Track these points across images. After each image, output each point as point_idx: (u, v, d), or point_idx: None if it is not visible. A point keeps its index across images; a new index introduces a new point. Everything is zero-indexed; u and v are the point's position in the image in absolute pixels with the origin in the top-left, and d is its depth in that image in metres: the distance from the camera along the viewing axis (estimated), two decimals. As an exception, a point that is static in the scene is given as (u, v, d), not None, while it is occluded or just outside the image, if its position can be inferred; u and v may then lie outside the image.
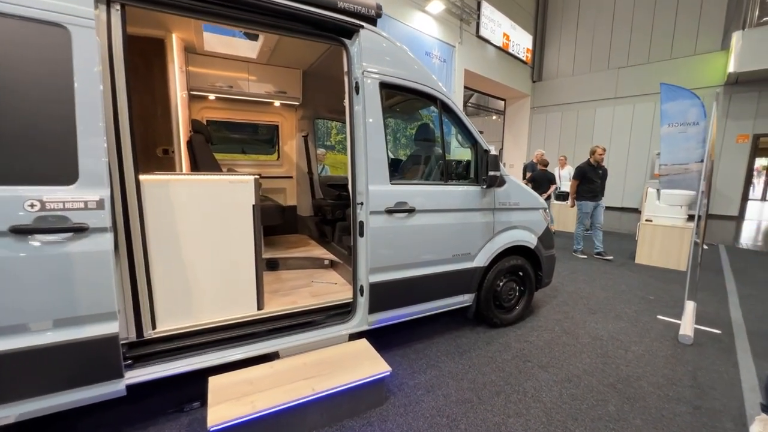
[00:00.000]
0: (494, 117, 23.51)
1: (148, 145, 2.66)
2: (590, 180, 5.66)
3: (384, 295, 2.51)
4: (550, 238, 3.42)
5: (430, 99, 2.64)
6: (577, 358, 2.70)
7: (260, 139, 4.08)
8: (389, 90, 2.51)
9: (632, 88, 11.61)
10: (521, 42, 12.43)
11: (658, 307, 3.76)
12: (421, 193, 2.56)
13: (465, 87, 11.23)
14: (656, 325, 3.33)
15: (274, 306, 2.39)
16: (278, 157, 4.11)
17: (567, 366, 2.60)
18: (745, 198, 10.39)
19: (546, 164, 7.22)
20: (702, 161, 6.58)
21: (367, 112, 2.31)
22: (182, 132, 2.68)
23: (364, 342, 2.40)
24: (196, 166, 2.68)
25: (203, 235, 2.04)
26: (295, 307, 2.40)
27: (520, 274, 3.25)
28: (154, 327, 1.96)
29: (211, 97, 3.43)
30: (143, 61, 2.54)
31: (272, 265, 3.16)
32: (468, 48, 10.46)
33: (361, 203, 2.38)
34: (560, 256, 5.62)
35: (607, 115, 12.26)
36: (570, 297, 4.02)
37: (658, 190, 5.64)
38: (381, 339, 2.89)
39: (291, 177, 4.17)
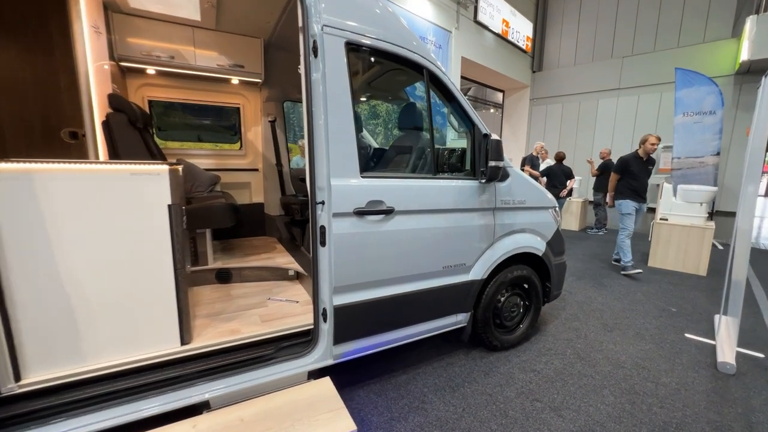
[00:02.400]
0: (492, 110, 22.94)
1: (47, 126, 2.07)
2: (633, 175, 4.52)
3: (354, 321, 1.95)
4: (561, 243, 2.87)
5: (415, 68, 2.05)
6: (597, 396, 2.16)
7: (219, 125, 3.48)
8: (359, 54, 1.93)
9: (637, 78, 11.04)
10: (521, 29, 11.82)
11: (683, 322, 3.23)
12: (401, 190, 1.99)
13: (462, 77, 10.62)
14: (685, 346, 2.80)
15: (208, 337, 1.82)
16: (241, 146, 3.51)
17: (586, 408, 2.05)
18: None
19: (562, 158, 6.66)
20: (718, 154, 6.07)
21: (329, 81, 1.74)
22: (98, 110, 2.09)
23: (326, 383, 1.84)
24: (115, 154, 2.10)
25: (94, 247, 1.46)
26: (235, 338, 1.83)
27: (526, 286, 2.70)
28: (17, 378, 1.39)
29: (150, 70, 2.81)
30: (36, 15, 1.93)
31: (223, 276, 2.59)
32: (465, 34, 9.84)
33: (322, 202, 1.81)
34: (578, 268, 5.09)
35: (610, 107, 11.70)
36: (580, 309, 3.48)
37: (673, 185, 5.10)
38: (353, 370, 2.33)
39: (257, 170, 3.57)
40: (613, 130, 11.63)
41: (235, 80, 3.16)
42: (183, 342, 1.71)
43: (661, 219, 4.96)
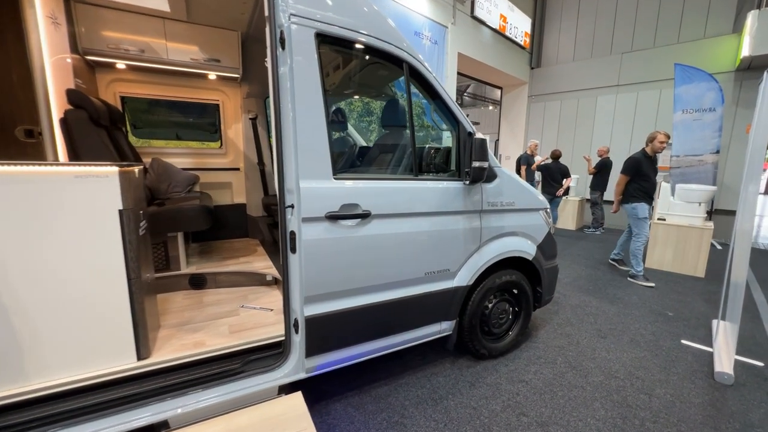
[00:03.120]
0: (491, 107, 22.77)
1: (-1, 123, 1.94)
2: (645, 176, 4.16)
3: (328, 332, 1.83)
4: (553, 246, 2.74)
5: (393, 61, 1.92)
6: (587, 410, 2.05)
7: (198, 123, 3.34)
8: (332, 46, 1.79)
9: (636, 74, 10.89)
10: (519, 25, 11.64)
11: (679, 327, 3.12)
12: (378, 192, 1.87)
13: (458, 73, 10.46)
14: (682, 353, 2.68)
15: (169, 351, 1.70)
16: (221, 144, 3.37)
17: (575, 423, 1.94)
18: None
19: (557, 156, 6.52)
20: (718, 152, 5.94)
21: (298, 75, 1.61)
22: (56, 107, 1.96)
23: (296, 399, 1.72)
24: (75, 154, 1.97)
25: (36, 257, 1.34)
26: (198, 352, 1.71)
27: (515, 292, 2.58)
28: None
29: (120, 65, 2.67)
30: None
31: (197, 282, 2.47)
32: (462, 29, 9.67)
33: (291, 206, 1.69)
34: (573, 272, 4.97)
35: (609, 104, 11.55)
36: (574, 313, 3.37)
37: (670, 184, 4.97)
38: (332, 380, 2.22)
39: (238, 169, 3.44)
40: (611, 128, 11.48)
41: (212, 75, 3.02)
42: (140, 357, 1.59)
43: (658, 219, 4.83)
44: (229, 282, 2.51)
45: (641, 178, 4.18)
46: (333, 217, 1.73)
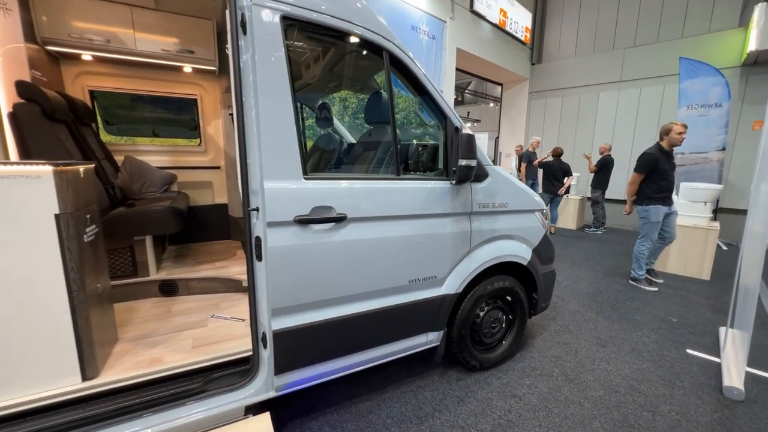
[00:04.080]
0: (491, 104, 22.53)
1: (-60, 118, 1.79)
2: (662, 174, 3.67)
3: (299, 347, 1.67)
4: (550, 250, 2.57)
5: (372, 49, 1.75)
6: (585, 429, 1.88)
7: (176, 119, 3.17)
8: (301, 32, 1.62)
9: (639, 70, 10.66)
10: (520, 20, 11.42)
11: (684, 335, 2.94)
12: (355, 194, 1.70)
13: (457, 69, 10.25)
14: (687, 365, 2.51)
15: (122, 369, 1.55)
16: (201, 141, 3.21)
17: (571, 445, 1.77)
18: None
19: (559, 154, 6.33)
20: (724, 149, 5.74)
21: (262, 64, 1.44)
22: (5, 100, 1.80)
23: (263, 421, 1.56)
24: (25, 152, 1.81)
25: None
26: (154, 370, 1.55)
27: (509, 298, 2.41)
28: None
29: (86, 56, 2.50)
30: None
31: (169, 289, 2.31)
32: (461, 24, 9.46)
33: (256, 209, 1.52)
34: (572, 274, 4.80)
35: (611, 100, 11.33)
36: (572, 319, 3.19)
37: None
38: (310, 395, 2.06)
39: (218, 167, 3.27)
40: (614, 125, 11.26)
41: (187, 68, 2.85)
42: (85, 377, 1.43)
43: (662, 219, 4.64)
44: (203, 288, 2.35)
45: (658, 176, 3.69)
46: (303, 221, 1.56)
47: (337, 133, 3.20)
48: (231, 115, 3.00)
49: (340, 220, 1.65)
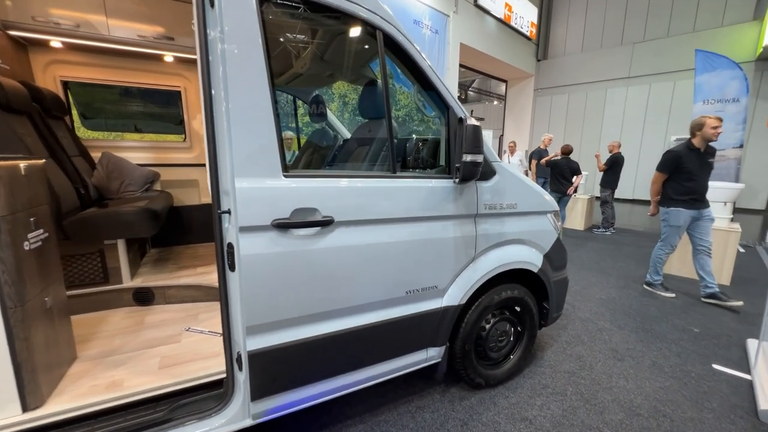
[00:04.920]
0: (495, 102, 22.23)
1: None
2: (687, 174, 3.32)
3: (280, 368, 1.46)
4: (562, 255, 2.35)
5: (364, 30, 1.53)
6: (605, 461, 1.66)
7: (159, 112, 2.96)
8: (279, 6, 1.40)
9: (649, 65, 10.38)
10: (525, 14, 11.16)
11: (708, 347, 2.70)
12: (344, 193, 1.48)
13: (461, 65, 10.01)
14: (715, 383, 2.28)
15: (74, 395, 1.34)
16: (186, 137, 3.00)
17: (591, 481, 1.55)
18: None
19: (568, 151, 6.07)
20: (741, 146, 5.47)
21: (231, 42, 1.23)
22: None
23: (237, 456, 1.35)
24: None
25: None
26: (111, 397, 1.35)
27: (517, 309, 2.19)
28: None
29: (55, 43, 2.30)
30: None
31: (144, 297, 2.11)
32: (464, 18, 9.22)
33: (228, 211, 1.31)
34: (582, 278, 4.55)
35: (619, 97, 11.05)
36: (584, 328, 2.96)
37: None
38: (290, 419, 1.84)
39: (205, 165, 3.06)
40: (622, 122, 10.98)
41: (168, 57, 2.65)
42: (26, 407, 1.23)
43: (677, 220, 4.38)
44: (181, 297, 2.15)
45: (682, 176, 3.37)
46: (282, 226, 1.35)
47: (333, 129, 2.99)
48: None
49: (326, 223, 1.43)
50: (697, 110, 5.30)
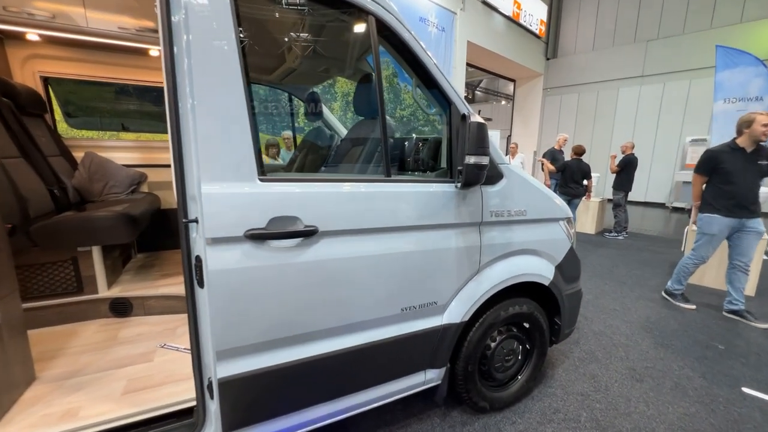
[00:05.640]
0: (503, 102, 21.92)
1: None
2: (725, 176, 3.01)
3: (257, 396, 1.30)
4: (575, 266, 2.15)
5: (352, 13, 1.36)
6: (626, 504, 1.46)
7: (147, 110, 2.82)
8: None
9: (663, 64, 10.04)
10: (534, 12, 10.88)
11: (735, 367, 2.48)
12: (329, 200, 1.31)
13: (467, 64, 9.80)
14: (747, 409, 2.06)
15: (22, 427, 1.19)
16: (174, 136, 2.85)
17: None
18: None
19: (580, 152, 5.81)
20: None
21: (198, 27, 1.07)
22: None
23: (205, 498, 1.19)
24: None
25: None
26: (64, 429, 1.19)
27: (526, 325, 2.00)
28: None
29: (32, 36, 2.17)
30: None
31: (121, 308, 1.96)
32: (472, 16, 9.01)
33: (196, 220, 1.15)
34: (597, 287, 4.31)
35: (631, 96, 10.73)
36: (598, 343, 2.75)
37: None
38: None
39: None
40: (634, 122, 10.65)
41: (153, 51, 2.50)
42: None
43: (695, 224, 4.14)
44: (161, 308, 2.00)
45: (719, 178, 3.04)
46: (258, 237, 1.18)
47: (330, 128, 2.82)
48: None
49: (308, 234, 1.26)
50: (717, 109, 5.03)
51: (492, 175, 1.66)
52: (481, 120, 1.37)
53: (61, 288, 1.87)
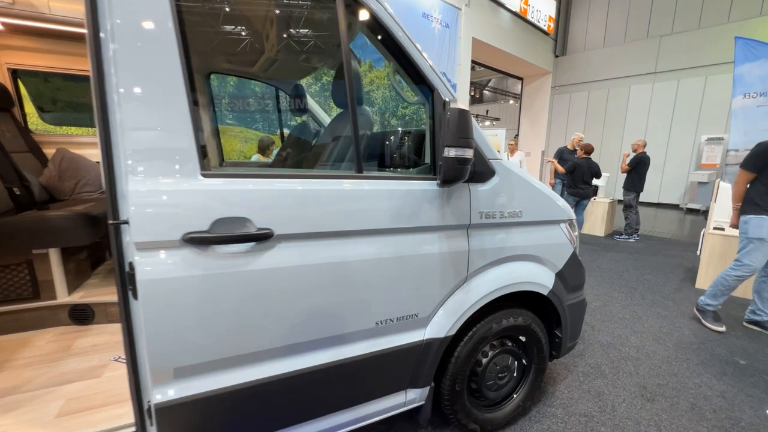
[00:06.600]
0: (511, 101, 21.57)
1: None
2: None
3: (202, 424, 1.13)
4: (579, 273, 1.94)
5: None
6: None
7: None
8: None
9: (677, 60, 9.67)
10: (543, 8, 10.61)
11: (758, 384, 2.24)
12: (287, 198, 1.14)
13: (472, 61, 9.58)
14: (772, 435, 1.83)
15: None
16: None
17: None
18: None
19: (590, 151, 5.57)
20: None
21: (119, 7, 0.93)
22: None
23: None
24: None
25: None
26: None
27: (522, 339, 1.80)
28: None
29: (-3, 26, 2.06)
30: None
31: (81, 315, 1.83)
32: (477, 12, 8.79)
33: (126, 222, 1.00)
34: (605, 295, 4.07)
35: (644, 94, 10.37)
36: (605, 356, 2.54)
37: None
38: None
39: None
40: (646, 120, 10.29)
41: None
42: None
43: (714, 228, 3.88)
44: (125, 316, 1.85)
45: None
46: (199, 241, 1.02)
47: (319, 122, 2.66)
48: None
49: (262, 238, 1.09)
50: (736, 105, 4.74)
51: (482, 171, 1.47)
52: (464, 106, 1.19)
53: (15, 294, 1.73)
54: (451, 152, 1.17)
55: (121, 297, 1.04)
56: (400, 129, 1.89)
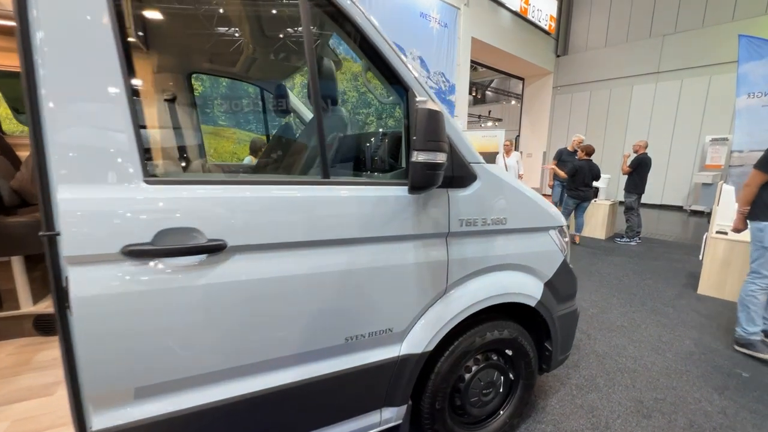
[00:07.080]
0: (513, 102, 21.42)
1: None
2: None
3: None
4: (570, 282, 1.84)
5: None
6: None
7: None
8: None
9: (680, 59, 9.52)
10: (543, 7, 10.49)
11: (763, 399, 2.12)
12: (241, 207, 1.05)
13: (472, 61, 9.48)
14: (777, 457, 1.71)
15: None
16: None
17: None
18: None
19: (591, 153, 5.47)
20: (794, 147, 4.70)
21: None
22: None
23: None
24: None
25: None
26: None
27: (509, 353, 1.70)
28: None
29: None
30: None
31: (46, 326, 1.74)
32: (477, 11, 8.69)
33: (58, 234, 0.91)
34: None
35: (647, 94, 10.21)
36: (601, 367, 2.43)
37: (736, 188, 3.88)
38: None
39: None
40: (649, 121, 10.13)
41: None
42: None
43: (717, 232, 3.75)
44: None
45: None
46: (140, 254, 0.93)
47: (304, 123, 2.57)
48: (167, 101, 2.44)
49: (213, 250, 1.00)
50: (740, 105, 4.61)
51: (462, 176, 1.38)
52: (435, 107, 1.09)
53: (-25, 303, 1.67)
54: (419, 156, 1.07)
55: (57, 315, 0.96)
56: (380, 131, 1.80)
